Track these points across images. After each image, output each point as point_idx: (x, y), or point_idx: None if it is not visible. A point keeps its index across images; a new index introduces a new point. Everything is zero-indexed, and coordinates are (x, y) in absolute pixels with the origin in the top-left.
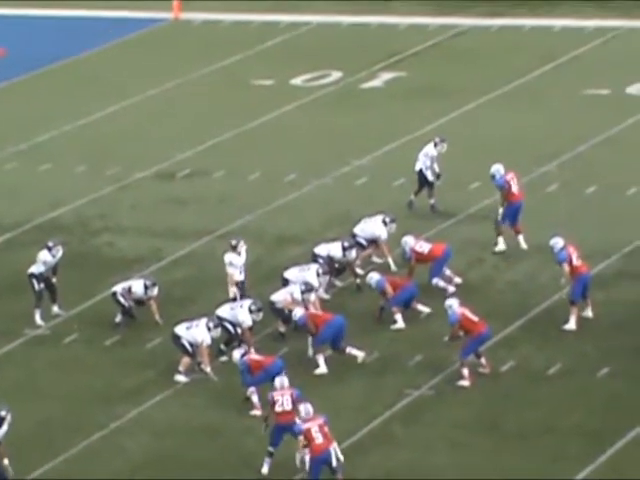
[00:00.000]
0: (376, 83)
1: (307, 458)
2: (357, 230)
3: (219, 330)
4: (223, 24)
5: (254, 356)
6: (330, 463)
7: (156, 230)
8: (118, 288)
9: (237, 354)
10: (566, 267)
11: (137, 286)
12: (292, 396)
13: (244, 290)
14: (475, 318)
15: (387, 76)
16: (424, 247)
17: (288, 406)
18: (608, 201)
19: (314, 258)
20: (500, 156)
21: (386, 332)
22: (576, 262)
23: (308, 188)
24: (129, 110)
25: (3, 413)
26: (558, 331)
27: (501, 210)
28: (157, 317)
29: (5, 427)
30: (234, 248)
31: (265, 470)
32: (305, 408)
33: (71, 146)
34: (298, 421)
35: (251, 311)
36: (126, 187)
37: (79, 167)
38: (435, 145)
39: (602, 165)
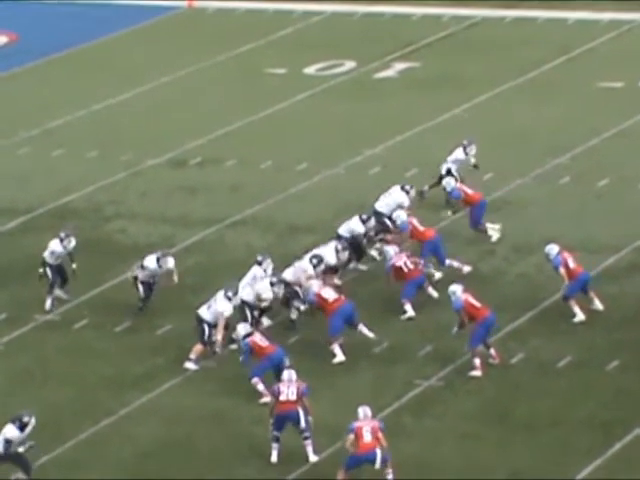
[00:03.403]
0: (389, 73)
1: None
2: (379, 206)
3: (238, 298)
4: (237, 12)
5: (258, 340)
6: (373, 464)
7: (167, 217)
8: (139, 274)
9: (242, 329)
10: (562, 270)
11: (149, 260)
12: (299, 389)
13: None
14: (478, 304)
15: (400, 66)
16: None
17: (292, 396)
18: (620, 194)
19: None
20: (512, 147)
21: (396, 322)
22: (572, 265)
23: (319, 177)
24: (142, 97)
25: (26, 419)
26: (568, 324)
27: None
28: (175, 277)
29: (28, 430)
30: (259, 264)
31: (274, 458)
32: (364, 410)
33: (84, 132)
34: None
35: (272, 284)
36: (138, 174)
37: (91, 153)
38: (464, 149)
39: (615, 158)
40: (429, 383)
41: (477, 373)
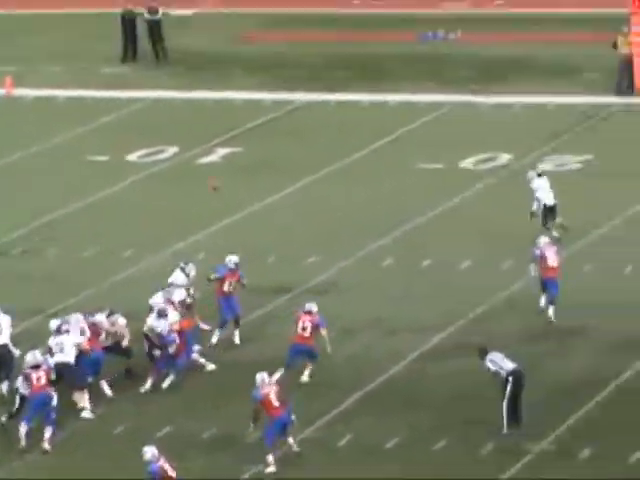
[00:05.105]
0: (213, 158)
1: None
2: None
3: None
4: (57, 100)
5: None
6: None
7: None
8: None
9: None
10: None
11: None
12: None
13: None
14: (277, 403)
15: (224, 151)
16: None
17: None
18: (443, 274)
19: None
20: (335, 231)
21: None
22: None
23: (145, 263)
24: None
25: None
26: (395, 405)
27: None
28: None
29: None
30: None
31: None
32: None
33: None
34: None
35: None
36: None
37: None
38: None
39: (436, 238)
40: None
41: (272, 469)
